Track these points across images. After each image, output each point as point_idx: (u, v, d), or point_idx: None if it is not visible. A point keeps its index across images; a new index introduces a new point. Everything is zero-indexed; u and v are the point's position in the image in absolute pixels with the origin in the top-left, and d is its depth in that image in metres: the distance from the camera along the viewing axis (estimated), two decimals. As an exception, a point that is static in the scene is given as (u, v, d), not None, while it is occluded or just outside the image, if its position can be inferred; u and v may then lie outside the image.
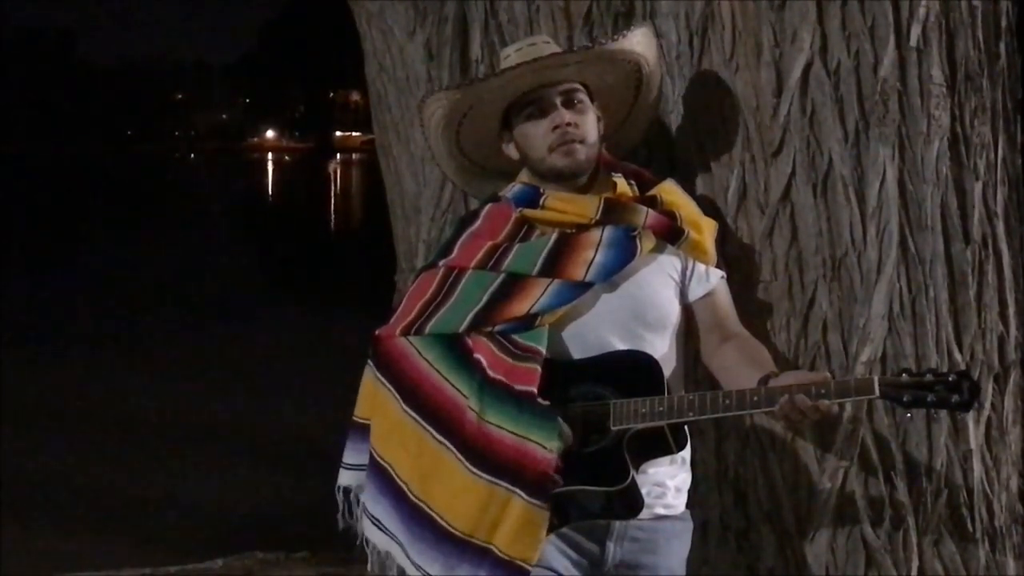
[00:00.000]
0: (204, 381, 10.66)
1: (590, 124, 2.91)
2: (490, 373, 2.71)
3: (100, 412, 9.48)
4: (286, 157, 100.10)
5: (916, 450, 3.29)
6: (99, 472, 7.92)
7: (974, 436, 3.35)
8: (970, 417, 3.31)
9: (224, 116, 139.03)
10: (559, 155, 2.86)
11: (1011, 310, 3.47)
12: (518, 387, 2.67)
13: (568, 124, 2.86)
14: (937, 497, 3.31)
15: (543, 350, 2.71)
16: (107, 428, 9.00)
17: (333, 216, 37.57)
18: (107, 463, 8.13)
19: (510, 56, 2.92)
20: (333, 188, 55.86)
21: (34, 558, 6.13)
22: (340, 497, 2.97)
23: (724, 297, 2.95)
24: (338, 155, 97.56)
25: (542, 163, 2.89)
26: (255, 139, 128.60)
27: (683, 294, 2.91)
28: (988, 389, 3.38)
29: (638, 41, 2.99)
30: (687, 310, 2.92)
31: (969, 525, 3.35)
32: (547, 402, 2.65)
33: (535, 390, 2.65)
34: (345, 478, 2.96)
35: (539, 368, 2.68)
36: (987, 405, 3.39)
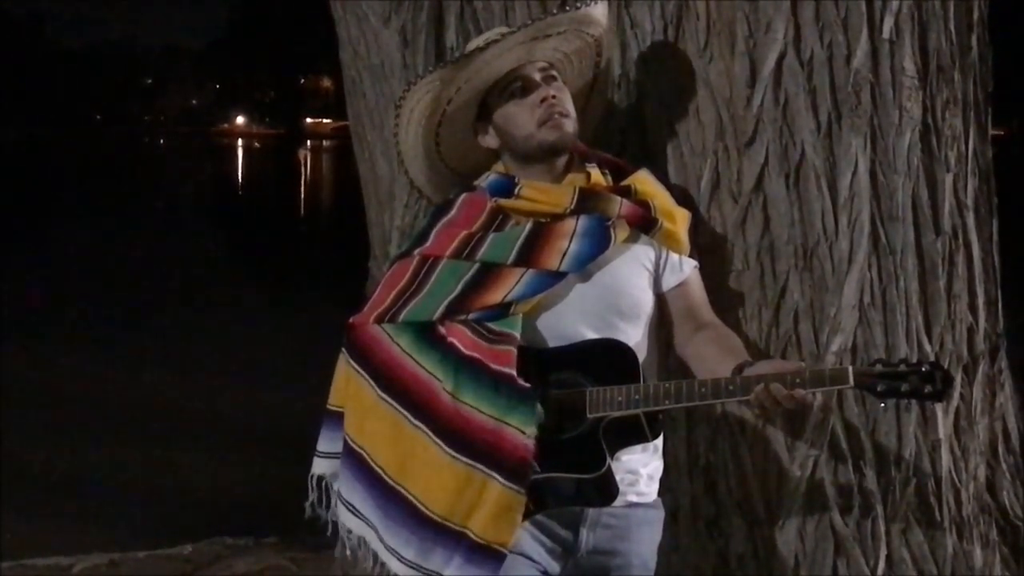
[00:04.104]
0: (171, 367, 10.60)
1: (569, 100, 2.93)
2: (465, 352, 2.72)
3: (65, 397, 9.41)
4: (256, 143, 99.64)
5: (885, 439, 3.31)
6: (65, 457, 7.86)
7: (943, 426, 3.37)
8: (939, 407, 3.34)
9: (194, 101, 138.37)
10: (548, 129, 2.87)
11: (980, 301, 3.50)
12: (494, 366, 2.68)
13: (554, 97, 2.87)
14: (906, 486, 3.33)
15: (517, 335, 2.72)
16: (73, 413, 8.92)
17: (303, 202, 37.44)
18: (73, 449, 8.06)
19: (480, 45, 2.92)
20: (303, 174, 55.65)
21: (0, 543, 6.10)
22: (313, 485, 2.96)
23: (697, 286, 2.96)
24: (308, 141, 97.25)
25: (530, 140, 2.89)
26: (225, 125, 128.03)
27: (656, 283, 2.92)
28: (957, 379, 3.41)
29: (604, 14, 3.00)
30: (660, 299, 2.93)
31: (937, 514, 3.37)
32: (527, 384, 2.65)
33: (514, 372, 2.66)
34: (319, 466, 2.95)
35: (514, 350, 2.69)
36: (956, 395, 3.41)
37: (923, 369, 2.47)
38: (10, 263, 17.75)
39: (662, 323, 2.95)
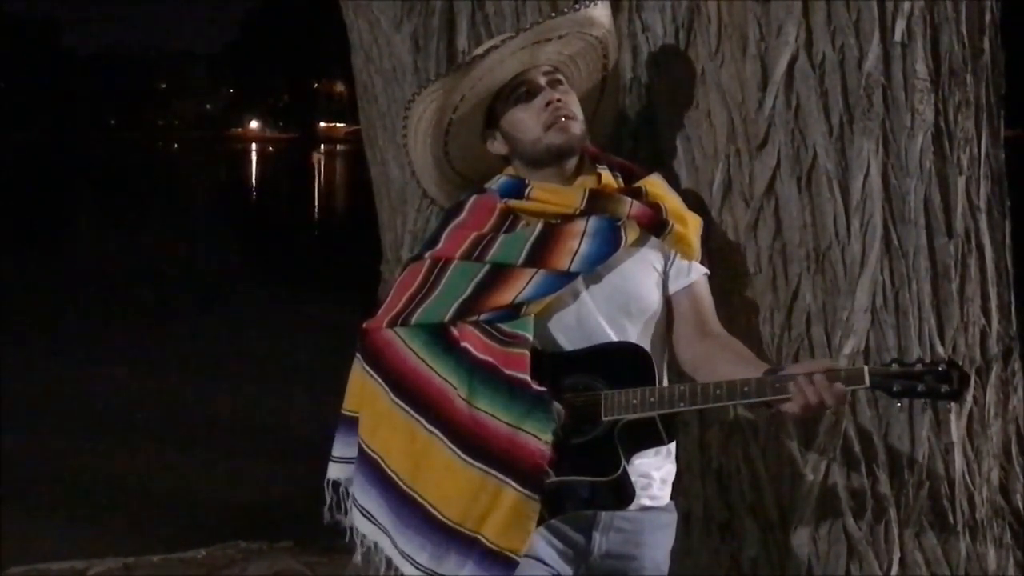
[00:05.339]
0: (186, 371, 10.64)
1: (576, 102, 2.92)
2: (478, 356, 2.72)
3: (81, 400, 9.44)
4: (270, 147, 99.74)
5: (898, 442, 3.31)
6: (80, 461, 7.88)
7: (956, 429, 3.37)
8: (952, 410, 3.34)
9: (208, 106, 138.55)
10: (555, 132, 2.86)
11: (993, 304, 3.49)
12: (508, 371, 2.68)
13: (559, 100, 2.87)
14: (919, 489, 3.33)
15: (530, 337, 2.72)
16: (87, 417, 8.95)
17: (317, 206, 37.48)
18: (88, 453, 8.09)
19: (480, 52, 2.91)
20: (317, 179, 55.70)
21: (14, 547, 6.11)
22: (329, 491, 2.96)
23: (704, 293, 2.94)
24: (322, 146, 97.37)
25: (537, 144, 2.89)
26: (239, 129, 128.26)
27: (664, 285, 2.92)
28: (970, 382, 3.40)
29: (606, 15, 2.99)
30: (667, 302, 2.93)
31: (950, 517, 3.37)
32: (543, 388, 2.65)
33: (528, 377, 2.66)
34: (334, 471, 2.95)
35: (528, 354, 2.69)
36: (969, 398, 3.40)
37: (939, 369, 2.46)
38: (25, 266, 17.82)
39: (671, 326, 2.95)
